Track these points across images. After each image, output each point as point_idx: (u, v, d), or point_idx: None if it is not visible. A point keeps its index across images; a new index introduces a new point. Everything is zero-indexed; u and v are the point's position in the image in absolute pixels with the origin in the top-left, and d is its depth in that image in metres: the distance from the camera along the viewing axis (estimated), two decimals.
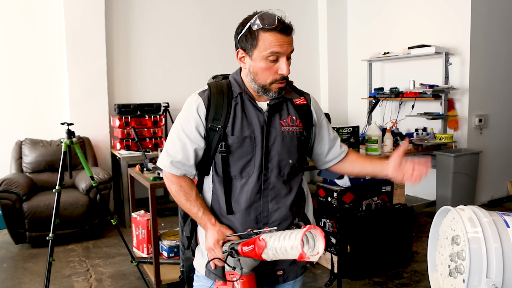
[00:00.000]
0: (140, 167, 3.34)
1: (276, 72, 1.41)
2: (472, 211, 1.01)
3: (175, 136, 1.49)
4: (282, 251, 1.20)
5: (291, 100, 1.54)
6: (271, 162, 1.47)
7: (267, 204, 1.48)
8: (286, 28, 1.39)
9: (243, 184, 1.47)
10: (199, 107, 1.47)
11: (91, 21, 5.03)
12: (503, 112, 5.45)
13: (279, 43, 1.38)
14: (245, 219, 1.47)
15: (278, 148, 1.47)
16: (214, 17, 5.85)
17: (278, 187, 1.49)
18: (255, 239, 1.27)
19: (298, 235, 1.18)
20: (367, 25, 6.31)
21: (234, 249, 1.33)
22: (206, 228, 1.46)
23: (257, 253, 1.26)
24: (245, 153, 1.45)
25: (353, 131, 3.80)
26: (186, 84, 5.69)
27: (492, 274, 0.92)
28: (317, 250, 1.22)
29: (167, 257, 3.28)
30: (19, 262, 3.82)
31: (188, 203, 1.48)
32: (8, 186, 4.02)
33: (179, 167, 1.48)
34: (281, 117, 1.50)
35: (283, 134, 1.48)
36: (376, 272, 3.41)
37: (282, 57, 1.40)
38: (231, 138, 1.44)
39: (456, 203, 4.39)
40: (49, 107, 5.03)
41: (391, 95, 5.50)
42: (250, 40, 1.40)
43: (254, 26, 1.38)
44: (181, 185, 1.49)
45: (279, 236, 1.23)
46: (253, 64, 1.43)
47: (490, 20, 5.17)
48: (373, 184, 3.40)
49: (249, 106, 1.48)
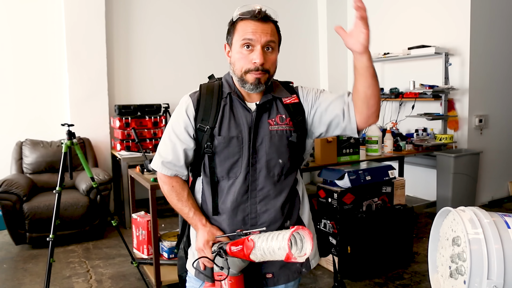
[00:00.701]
0: (141, 168, 3.34)
1: (250, 61, 1.41)
2: (472, 212, 1.01)
3: (167, 137, 1.51)
4: (270, 251, 1.20)
5: (280, 99, 1.52)
6: (259, 163, 1.45)
7: (255, 205, 1.46)
8: (263, 17, 1.41)
9: (230, 185, 1.46)
10: (188, 108, 1.49)
11: (91, 22, 5.03)
12: (503, 112, 5.45)
13: (252, 30, 1.39)
14: (232, 220, 1.47)
15: (266, 148, 1.46)
16: (216, 18, 5.84)
17: (268, 188, 1.47)
18: (244, 239, 1.27)
19: (286, 235, 1.17)
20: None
21: (222, 249, 1.33)
22: (196, 229, 1.47)
23: (246, 253, 1.25)
24: (232, 154, 1.45)
25: None
26: (186, 85, 5.65)
27: (493, 276, 0.92)
28: (304, 251, 1.21)
29: (167, 258, 3.28)
30: (19, 263, 3.81)
31: (180, 203, 1.49)
32: (9, 187, 4.02)
33: (170, 167, 1.50)
34: (270, 116, 1.48)
35: (271, 133, 1.46)
36: (376, 273, 3.41)
37: (256, 45, 1.40)
38: (217, 139, 1.44)
39: (457, 203, 4.40)
40: (50, 108, 5.03)
41: (391, 95, 5.50)
42: (231, 32, 1.46)
43: (234, 17, 1.44)
44: (172, 185, 1.51)
45: (267, 236, 1.23)
46: (232, 55, 1.46)
47: (490, 20, 5.17)
48: (373, 185, 3.40)
49: (238, 106, 1.48)
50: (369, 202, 3.40)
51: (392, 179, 3.52)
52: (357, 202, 3.32)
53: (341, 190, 3.24)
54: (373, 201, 3.42)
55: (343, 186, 3.26)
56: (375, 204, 3.43)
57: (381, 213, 3.42)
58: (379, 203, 3.45)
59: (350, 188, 3.26)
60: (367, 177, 3.35)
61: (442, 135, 4.99)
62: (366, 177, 3.34)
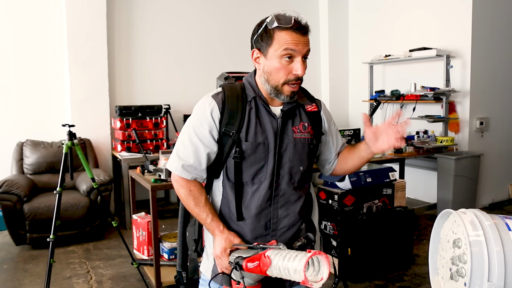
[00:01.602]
0: (141, 169, 3.34)
1: (290, 72, 1.39)
2: (473, 214, 1.01)
3: (187, 139, 1.45)
4: (286, 272, 1.19)
5: (303, 106, 1.53)
6: (282, 169, 1.46)
7: (276, 210, 1.47)
8: (302, 28, 1.38)
9: (255, 190, 1.45)
10: (213, 110, 1.43)
11: (92, 23, 5.04)
12: (504, 115, 5.45)
13: (294, 41, 1.37)
14: (255, 226, 1.46)
15: (290, 155, 1.46)
16: (217, 19, 5.86)
17: (288, 194, 1.48)
18: (260, 255, 1.26)
19: (303, 259, 1.15)
20: (368, 27, 6.32)
21: (238, 265, 1.30)
22: (214, 235, 1.44)
23: (262, 270, 1.25)
24: (258, 160, 1.44)
25: (354, 133, 3.80)
26: (187, 86, 5.70)
27: (494, 278, 0.91)
28: (321, 276, 1.21)
29: (167, 259, 3.28)
30: (20, 263, 3.81)
31: (197, 208, 1.45)
32: (9, 188, 4.02)
33: (191, 171, 1.45)
34: (294, 123, 1.49)
35: (295, 141, 1.47)
36: (377, 275, 3.41)
37: (297, 56, 1.38)
38: (245, 144, 1.42)
39: (457, 206, 4.40)
40: (51, 109, 5.04)
41: (392, 97, 5.50)
42: (266, 39, 1.39)
43: (270, 25, 1.38)
44: (190, 189, 1.46)
45: (284, 255, 1.21)
46: (267, 64, 1.41)
47: (491, 23, 5.17)
48: (374, 187, 3.40)
49: (263, 111, 1.46)
50: (370, 204, 3.40)
51: (393, 181, 3.52)
52: (357, 204, 3.32)
53: (342, 192, 3.24)
54: (374, 203, 3.42)
55: (344, 188, 3.26)
56: (375, 206, 3.43)
57: (381, 215, 3.42)
58: (380, 205, 3.45)
59: (351, 190, 3.26)
60: (367, 179, 3.34)
61: (443, 137, 4.99)
62: (367, 179, 3.34)
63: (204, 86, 4.99)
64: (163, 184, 3.02)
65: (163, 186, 3.03)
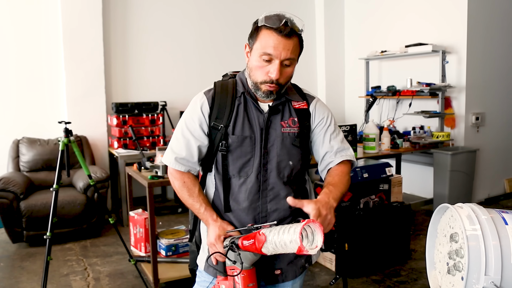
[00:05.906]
0: (138, 166, 3.34)
1: (266, 73, 1.42)
2: (470, 209, 1.02)
3: (180, 134, 1.52)
4: (282, 244, 1.21)
5: (291, 102, 1.55)
6: (270, 163, 1.48)
7: (265, 205, 1.49)
8: (288, 32, 1.37)
9: (241, 183, 1.49)
10: (203, 105, 1.50)
11: (88, 20, 5.02)
12: (500, 110, 5.47)
13: (274, 44, 1.37)
14: (242, 218, 1.49)
15: (278, 150, 1.48)
16: (213, 16, 5.84)
17: (278, 188, 1.49)
18: (256, 233, 1.29)
19: (297, 229, 1.18)
20: (364, 23, 6.32)
21: (234, 243, 1.34)
22: (207, 224, 1.48)
23: (257, 247, 1.27)
24: (244, 153, 1.47)
25: (351, 129, 3.80)
26: (183, 83, 5.69)
27: (491, 272, 0.92)
28: (315, 244, 1.23)
29: (165, 256, 3.29)
30: (17, 261, 3.81)
31: (191, 198, 1.50)
32: (5, 185, 4.00)
33: (184, 163, 1.51)
34: (283, 118, 1.51)
35: (283, 135, 1.49)
36: (374, 270, 3.42)
37: (275, 59, 1.39)
38: (231, 137, 1.46)
39: (453, 201, 4.42)
40: (46, 106, 5.01)
41: (388, 93, 5.51)
42: (254, 36, 1.43)
43: (259, 22, 1.41)
44: (184, 181, 1.51)
45: (278, 230, 1.24)
46: (251, 59, 1.46)
47: (487, 18, 5.18)
48: (370, 182, 3.41)
49: (251, 106, 1.50)
50: (367, 199, 3.41)
51: (389, 176, 3.53)
52: (354, 199, 3.33)
53: None
54: (371, 198, 3.43)
55: None
56: (372, 201, 3.44)
57: (378, 210, 3.43)
58: (376, 201, 3.47)
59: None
60: (364, 174, 3.35)
61: (439, 132, 5.01)
62: (364, 174, 3.35)
63: (200, 83, 4.97)
64: (160, 181, 3.02)
65: (160, 182, 3.03)
